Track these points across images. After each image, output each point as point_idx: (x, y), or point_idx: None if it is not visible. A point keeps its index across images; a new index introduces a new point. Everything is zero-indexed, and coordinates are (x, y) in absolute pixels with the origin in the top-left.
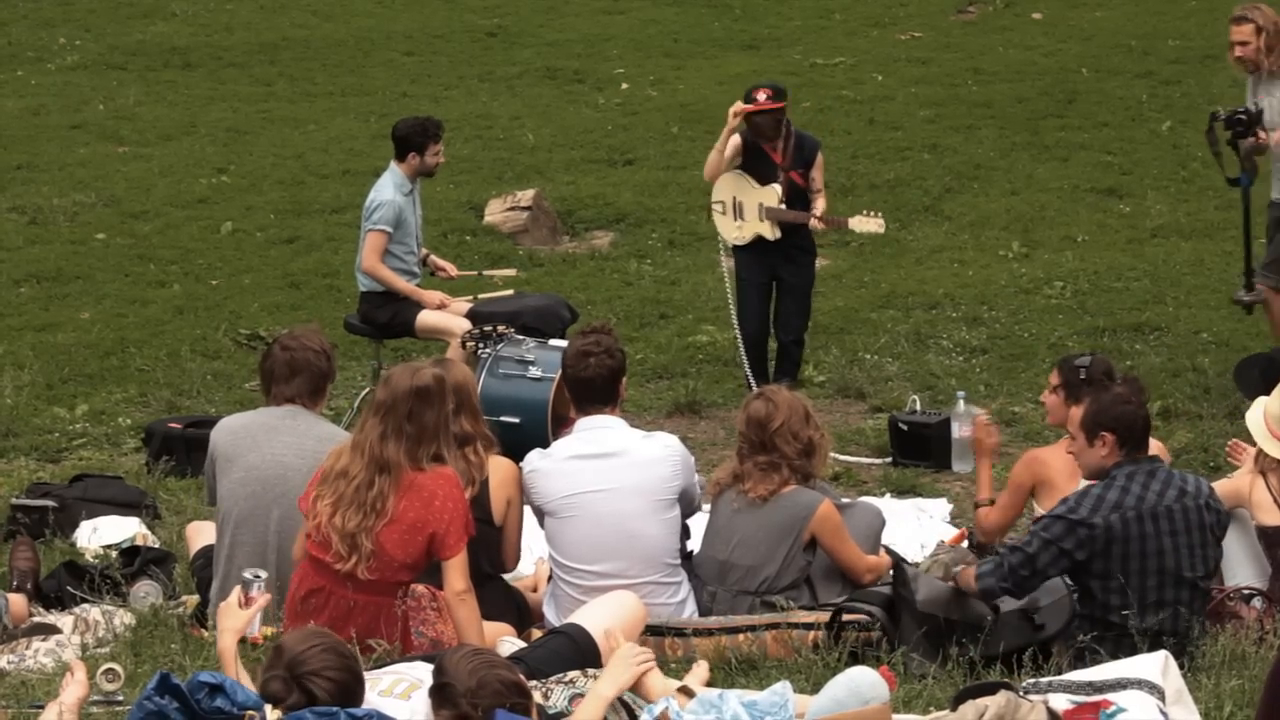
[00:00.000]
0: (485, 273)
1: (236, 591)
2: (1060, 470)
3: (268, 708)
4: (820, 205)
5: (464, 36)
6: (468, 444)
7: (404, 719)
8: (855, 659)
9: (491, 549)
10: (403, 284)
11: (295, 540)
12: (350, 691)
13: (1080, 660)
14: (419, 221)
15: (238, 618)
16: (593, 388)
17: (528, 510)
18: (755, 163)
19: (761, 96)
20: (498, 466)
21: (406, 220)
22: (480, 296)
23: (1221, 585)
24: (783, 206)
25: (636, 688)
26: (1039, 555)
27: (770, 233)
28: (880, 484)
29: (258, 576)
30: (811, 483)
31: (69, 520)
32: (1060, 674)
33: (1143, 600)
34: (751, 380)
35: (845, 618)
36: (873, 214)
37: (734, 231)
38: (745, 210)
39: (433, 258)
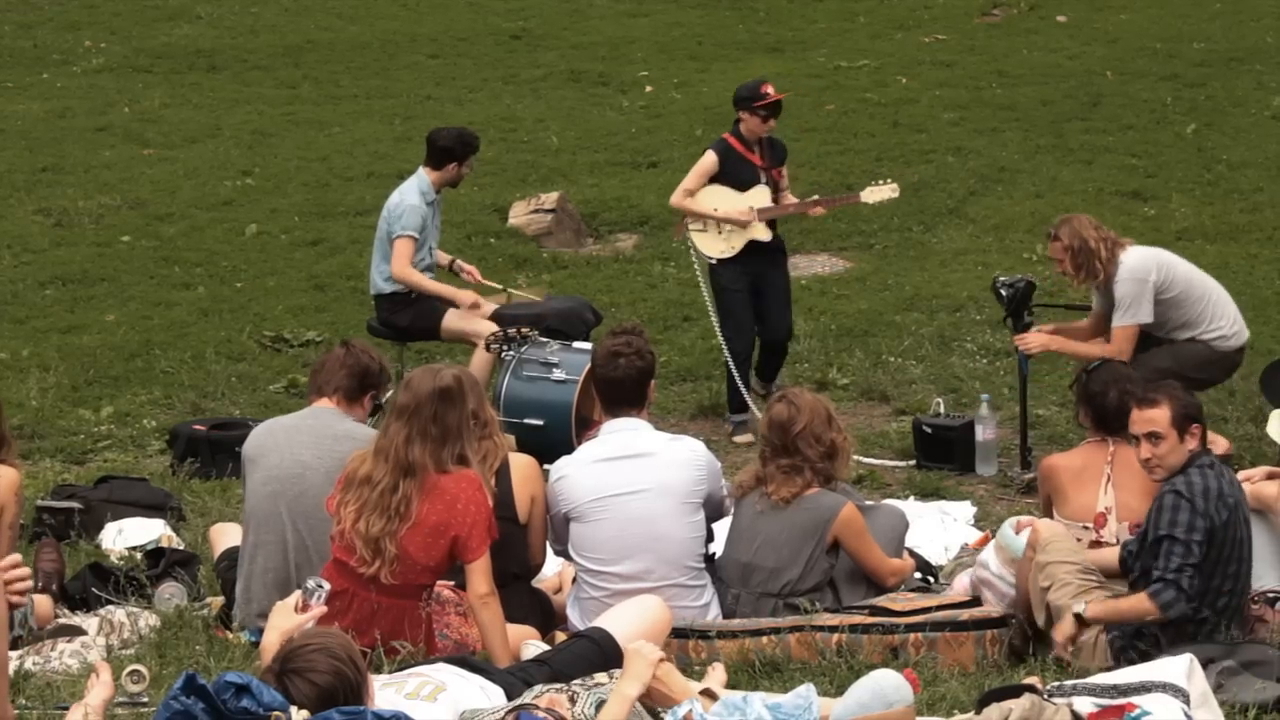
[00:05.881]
0: (512, 291)
1: (297, 595)
2: (1072, 476)
3: (293, 709)
4: (789, 199)
5: (488, 39)
6: (489, 426)
7: None
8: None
9: (519, 549)
10: (436, 285)
11: (313, 538)
12: (332, 698)
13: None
14: (437, 232)
15: (290, 620)
16: (622, 389)
17: None
18: (734, 171)
19: (771, 90)
20: (519, 464)
21: (426, 228)
22: (512, 293)
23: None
24: (775, 204)
25: (658, 692)
26: (1196, 556)
27: (764, 234)
28: (904, 487)
29: (320, 586)
30: (834, 485)
31: (94, 522)
32: (1085, 677)
33: (1227, 588)
34: (745, 393)
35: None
36: (883, 181)
37: (721, 245)
38: (732, 217)
39: (458, 261)
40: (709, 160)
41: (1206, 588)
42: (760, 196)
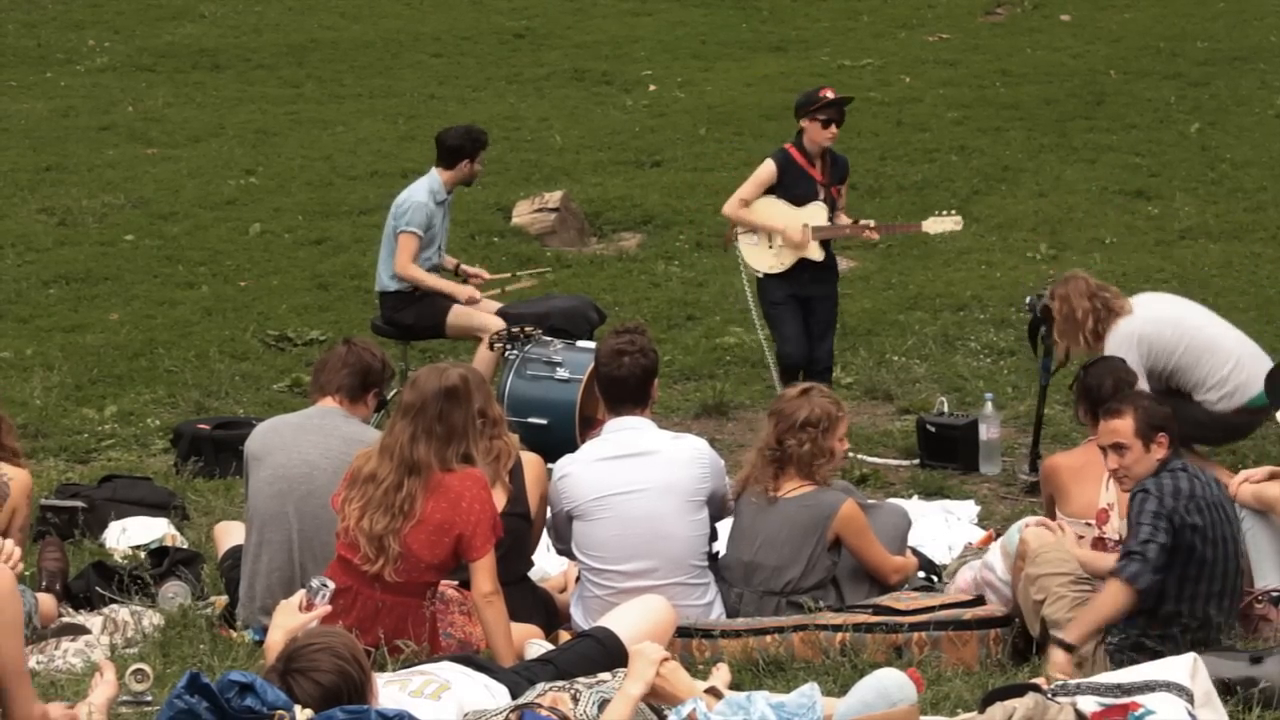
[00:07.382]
0: (518, 274)
1: (301, 594)
2: (1073, 475)
3: (297, 708)
4: (843, 219)
5: (492, 38)
6: (498, 425)
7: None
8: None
9: (528, 548)
10: (435, 281)
11: (319, 538)
12: (337, 696)
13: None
14: (445, 233)
15: (294, 619)
16: (625, 387)
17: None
18: (792, 184)
19: (830, 93)
20: (530, 462)
21: (434, 227)
22: (508, 290)
23: (1250, 588)
24: (830, 223)
25: (663, 690)
26: (1162, 536)
27: (817, 253)
28: (908, 486)
29: (325, 585)
30: (831, 483)
31: (98, 521)
32: (1088, 676)
33: (1216, 590)
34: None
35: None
36: (947, 212)
37: (770, 260)
38: (786, 235)
39: (463, 266)
40: (767, 170)
41: (1196, 591)
42: (817, 214)
